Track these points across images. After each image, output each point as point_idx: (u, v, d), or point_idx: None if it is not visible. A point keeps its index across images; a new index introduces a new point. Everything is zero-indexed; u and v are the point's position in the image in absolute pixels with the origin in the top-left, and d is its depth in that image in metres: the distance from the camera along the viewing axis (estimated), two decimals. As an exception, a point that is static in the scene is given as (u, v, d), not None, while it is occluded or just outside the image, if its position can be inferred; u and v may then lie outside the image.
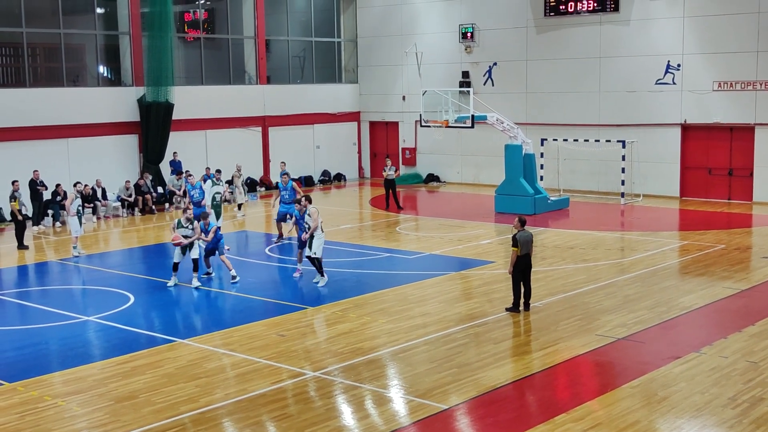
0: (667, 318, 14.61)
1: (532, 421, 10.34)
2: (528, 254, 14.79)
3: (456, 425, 10.47)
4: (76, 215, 21.07)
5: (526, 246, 14.72)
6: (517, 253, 14.62)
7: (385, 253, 20.69)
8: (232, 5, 33.34)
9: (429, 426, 10.32)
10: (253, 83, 33.58)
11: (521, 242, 14.63)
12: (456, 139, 33.55)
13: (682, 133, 28.78)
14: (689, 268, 18.53)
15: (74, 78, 30.04)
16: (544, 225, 24.04)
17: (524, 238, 14.70)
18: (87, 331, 14.60)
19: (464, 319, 14.70)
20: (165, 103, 29.09)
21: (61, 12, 27.83)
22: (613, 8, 29.37)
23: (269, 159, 33.43)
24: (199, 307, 16.36)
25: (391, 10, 35.50)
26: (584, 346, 13.13)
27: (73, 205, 21.15)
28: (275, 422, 10.44)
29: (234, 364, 12.57)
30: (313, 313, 15.34)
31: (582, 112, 30.56)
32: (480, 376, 11.83)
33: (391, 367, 12.44)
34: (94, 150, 28.21)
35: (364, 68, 36.82)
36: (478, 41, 32.95)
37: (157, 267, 20.29)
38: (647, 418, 10.29)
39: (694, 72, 28.18)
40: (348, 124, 36.74)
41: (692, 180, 28.92)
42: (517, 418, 10.52)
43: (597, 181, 30.25)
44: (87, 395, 11.38)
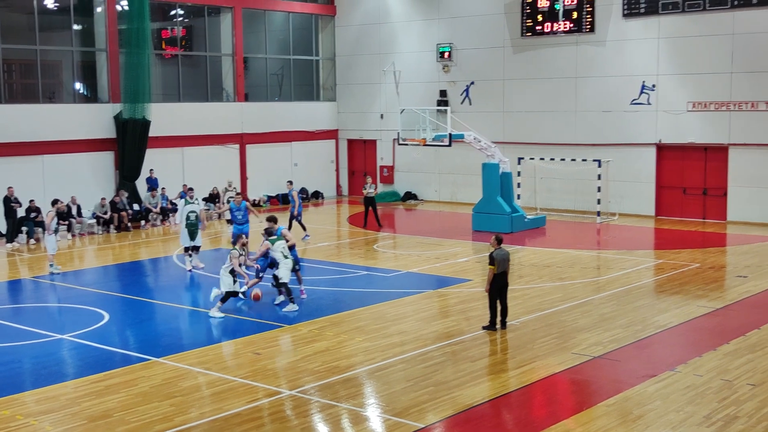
0: (642, 336, 14.68)
1: (508, 439, 10.33)
2: (504, 272, 14.83)
3: (432, 444, 10.44)
4: (53, 233, 20.96)
5: (503, 264, 14.76)
6: (493, 271, 14.66)
7: (362, 271, 20.66)
8: (210, 22, 33.34)
9: (405, 445, 10.28)
10: (231, 101, 33.55)
11: (498, 260, 14.67)
12: (434, 158, 33.66)
13: (657, 152, 29.05)
14: (664, 287, 18.65)
15: (50, 94, 29.88)
16: (521, 243, 24.13)
17: (501, 256, 14.75)
18: (61, 349, 14.44)
19: (441, 338, 14.70)
20: (142, 120, 28.98)
21: (37, 28, 27.70)
22: (589, 29, 29.68)
23: (247, 176, 33.36)
24: (174, 325, 16.23)
25: (369, 28, 35.66)
26: (560, 364, 13.16)
27: (52, 223, 21.06)
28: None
29: (209, 383, 12.48)
30: (289, 331, 15.28)
31: (558, 132, 30.79)
32: (457, 394, 11.82)
33: (368, 386, 12.40)
34: (69, 167, 28.02)
35: (342, 86, 36.91)
36: (456, 60, 33.15)
37: (132, 285, 20.17)
38: (623, 437, 10.32)
39: (668, 92, 28.49)
40: (326, 141, 36.78)
41: (667, 199, 29.16)
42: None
43: (573, 200, 30.44)
44: (60, 414, 11.25)
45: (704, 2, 27.26)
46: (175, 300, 17.93)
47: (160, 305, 17.78)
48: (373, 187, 27.62)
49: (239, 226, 21.04)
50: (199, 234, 20.77)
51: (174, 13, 33.06)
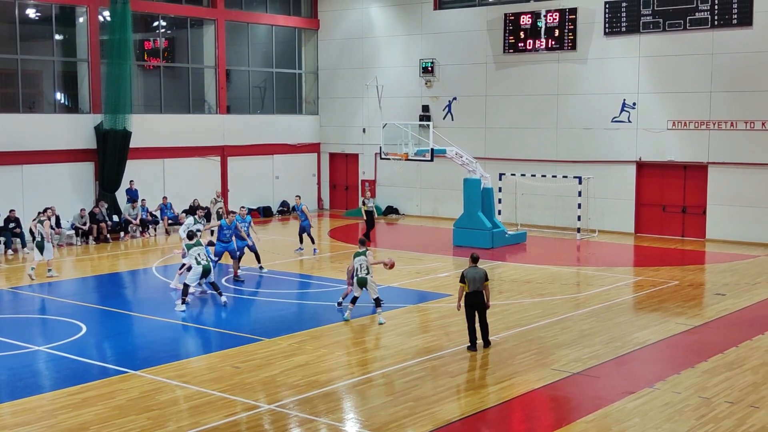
0: (621, 353, 14.72)
1: (487, 455, 10.31)
2: (478, 291, 14.62)
3: (411, 459, 10.40)
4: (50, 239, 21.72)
5: (474, 283, 14.57)
6: (464, 289, 14.59)
7: (343, 285, 20.59)
8: (192, 34, 33.31)
9: (384, 460, 10.24)
10: (212, 113, 33.49)
11: (468, 279, 14.57)
12: (415, 172, 33.71)
13: (637, 170, 29.24)
14: (643, 304, 18.73)
15: (31, 104, 29.69)
16: (502, 259, 24.18)
17: (472, 275, 14.59)
18: (37, 361, 14.30)
19: (421, 353, 14.67)
20: (123, 131, 28.84)
21: (18, 37, 27.55)
22: (571, 47, 29.89)
23: (228, 189, 33.26)
24: (152, 337, 16.11)
25: (352, 43, 35.75)
26: (540, 380, 13.17)
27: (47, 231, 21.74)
28: (228, 456, 10.28)
29: (187, 397, 12.39)
30: (268, 345, 15.20)
31: (540, 148, 30.93)
32: (436, 409, 11.79)
33: (348, 400, 12.35)
34: (49, 177, 27.82)
35: (324, 100, 36.94)
36: (438, 76, 33.28)
37: (111, 296, 20.03)
38: (602, 453, 10.32)
39: (649, 111, 28.71)
40: (308, 155, 36.75)
41: (647, 217, 29.34)
42: (472, 452, 10.49)
43: (554, 216, 30.56)
44: (36, 426, 11.12)
45: (685, 22, 27.54)
46: (154, 312, 17.80)
47: (139, 317, 17.66)
48: (372, 201, 27.67)
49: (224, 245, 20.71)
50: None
51: (156, 24, 32.98)
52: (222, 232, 20.76)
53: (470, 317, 14.71)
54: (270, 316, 17.87)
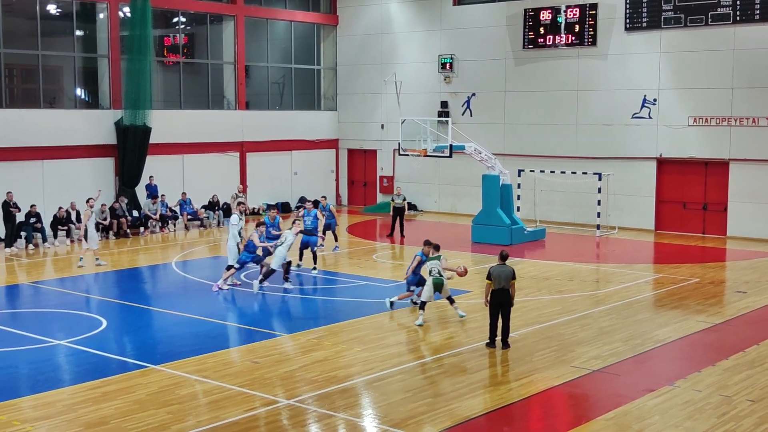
0: (641, 351, 14.64)
1: (506, 452, 10.28)
2: (504, 289, 14.51)
3: (430, 456, 10.39)
4: (93, 229, 22.29)
5: (500, 281, 14.48)
6: (490, 286, 14.54)
7: (361, 281, 20.62)
8: (212, 30, 33.39)
9: (403, 456, 10.23)
10: (231, 108, 33.57)
11: (494, 276, 14.49)
12: (434, 169, 33.66)
13: (658, 167, 29.06)
14: (664, 301, 18.62)
15: (51, 100, 29.88)
16: (521, 255, 24.10)
17: (498, 272, 14.52)
18: (58, 355, 14.39)
19: (439, 349, 14.65)
20: (142, 126, 28.98)
21: (39, 33, 27.72)
22: (591, 42, 29.73)
23: (247, 185, 33.34)
24: (172, 332, 16.18)
25: (371, 38, 35.72)
26: (559, 377, 13.11)
27: (90, 221, 22.13)
28: (247, 451, 10.31)
29: (207, 391, 12.43)
30: (287, 340, 15.23)
31: (559, 145, 30.80)
32: (455, 406, 11.77)
33: (366, 396, 12.35)
34: (69, 172, 28.00)
35: (343, 96, 36.94)
36: (457, 72, 33.19)
37: (131, 291, 20.13)
38: (621, 451, 10.27)
39: (669, 107, 28.52)
40: (326, 151, 36.78)
41: (667, 213, 29.15)
42: (491, 449, 10.47)
43: (573, 212, 30.43)
44: (56, 420, 11.19)
45: (706, 17, 27.32)
46: (173, 307, 17.88)
47: (158, 312, 17.74)
48: (403, 197, 27.64)
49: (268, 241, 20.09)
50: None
51: (176, 20, 33.09)
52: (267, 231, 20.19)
53: (494, 315, 14.62)
54: (289, 312, 17.90)
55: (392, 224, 27.70)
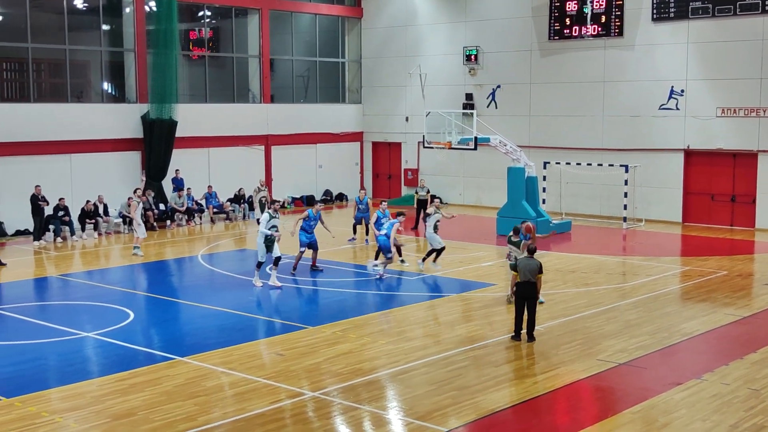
0: (668, 344, 14.54)
1: (531, 445, 10.26)
2: (529, 282, 14.42)
3: (455, 448, 10.39)
4: (141, 220, 22.96)
5: (526, 273, 14.41)
6: (516, 278, 14.50)
7: (386, 274, 20.62)
8: (237, 24, 33.49)
9: (428, 449, 10.24)
10: (256, 102, 33.67)
11: (519, 268, 14.46)
12: (459, 161, 33.59)
13: (685, 158, 28.80)
14: (691, 294, 18.47)
15: (78, 94, 30.13)
16: (546, 248, 23.97)
17: (524, 265, 14.46)
18: (86, 347, 14.54)
19: (464, 342, 14.64)
20: (168, 120, 29.15)
21: (66, 28, 27.95)
22: (618, 33, 29.48)
23: (272, 178, 33.45)
24: (198, 325, 16.28)
25: (395, 31, 35.66)
26: (585, 370, 13.05)
27: (137, 211, 22.91)
28: (273, 442, 10.36)
29: (232, 383, 12.50)
30: (312, 333, 15.28)
31: (585, 136, 30.60)
32: (480, 399, 11.75)
33: (391, 389, 12.37)
34: (96, 166, 28.24)
35: (367, 89, 36.93)
36: (482, 64, 33.06)
37: (157, 284, 20.29)
38: (648, 445, 10.21)
39: (697, 98, 28.24)
40: (351, 144, 36.81)
41: (695, 206, 28.89)
42: (516, 442, 10.45)
43: (599, 205, 30.24)
44: (84, 412, 11.31)
45: (734, 7, 27.00)
46: (200, 300, 17.99)
47: (185, 305, 17.86)
48: (426, 189, 27.61)
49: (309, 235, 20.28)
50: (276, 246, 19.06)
51: (201, 14, 33.24)
52: (308, 222, 20.40)
53: (519, 307, 14.56)
54: (314, 305, 17.96)
55: (416, 217, 27.69)
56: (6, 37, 27.91)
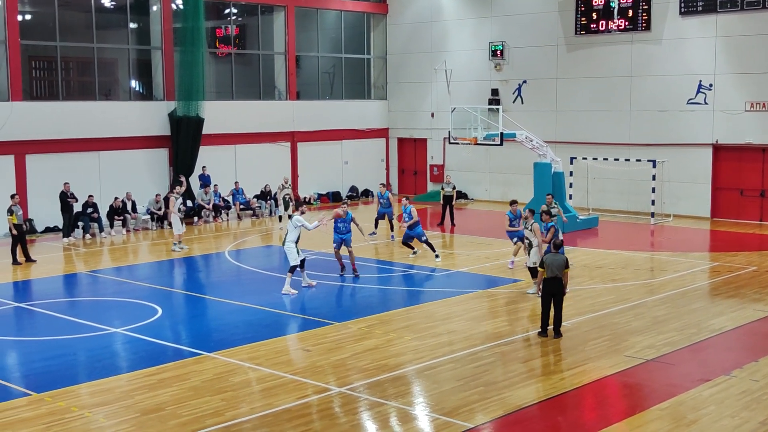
0: (696, 340, 14.42)
1: (558, 441, 10.23)
2: (556, 278, 14.36)
3: (482, 444, 10.38)
4: (178, 214, 23.19)
5: (553, 269, 14.35)
6: (543, 274, 14.44)
7: (411, 270, 20.64)
8: (263, 21, 33.60)
9: (454, 445, 10.24)
10: (282, 99, 33.78)
11: (547, 264, 14.40)
12: (484, 157, 33.49)
13: (714, 153, 28.52)
14: (720, 290, 18.30)
15: (106, 92, 30.38)
16: (573, 244, 23.86)
17: (551, 260, 14.40)
18: (114, 342, 14.68)
19: (491, 338, 14.61)
20: (195, 117, 29.33)
21: (94, 26, 28.19)
22: (645, 27, 29.24)
23: (298, 174, 33.55)
24: (226, 320, 16.38)
25: (421, 27, 35.61)
26: (612, 366, 12.99)
27: (174, 206, 23.21)
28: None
29: (260, 379, 12.57)
30: (339, 329, 15.32)
31: (612, 131, 30.40)
32: (507, 395, 11.73)
33: (417, 385, 12.38)
34: (125, 163, 28.49)
35: (393, 85, 36.92)
36: (508, 59, 32.93)
37: (186, 280, 20.44)
38: (676, 442, 10.15)
39: (726, 92, 27.95)
40: (376, 140, 36.83)
41: (723, 201, 28.62)
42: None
43: (627, 200, 30.03)
44: (113, 407, 11.43)
45: (763, 1, 26.67)
46: (227, 296, 18.10)
47: (212, 301, 17.98)
48: (452, 186, 27.57)
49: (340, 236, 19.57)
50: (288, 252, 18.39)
51: (228, 11, 33.37)
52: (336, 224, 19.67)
53: (546, 303, 14.49)
54: (340, 301, 18.01)
55: (442, 213, 27.68)
56: (35, 36, 28.20)
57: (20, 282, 20.01)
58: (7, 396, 11.89)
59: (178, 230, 23.39)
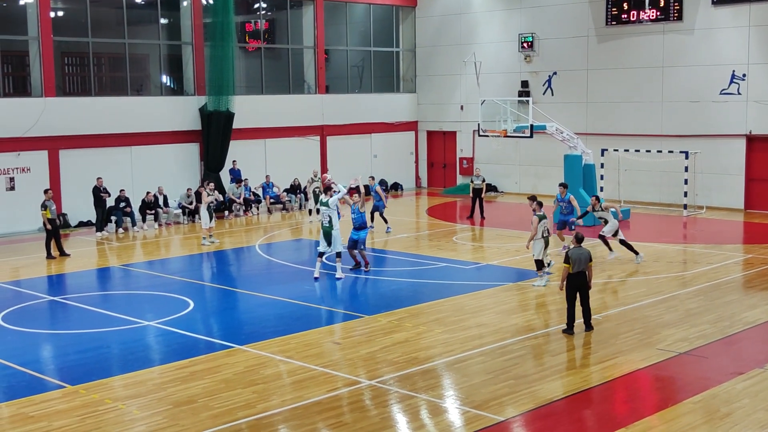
0: (730, 333, 14.28)
1: (589, 435, 10.18)
2: (582, 272, 14.17)
3: (512, 437, 10.37)
4: (206, 208, 23.29)
5: (579, 264, 14.13)
6: (568, 270, 14.12)
7: (441, 263, 20.62)
8: (292, 16, 33.68)
9: (485, 438, 10.23)
10: (312, 93, 33.85)
11: (573, 259, 14.10)
12: (514, 149, 33.35)
13: (747, 144, 28.17)
14: (753, 282, 18.09)
15: (138, 87, 30.65)
16: (604, 236, 23.68)
17: (577, 255, 14.14)
18: (147, 335, 14.83)
19: (521, 331, 14.57)
20: (226, 112, 29.49)
21: (126, 22, 28.43)
22: (677, 17, 28.92)
23: (327, 168, 33.62)
24: (257, 313, 16.48)
25: (450, 19, 35.49)
26: (644, 360, 12.90)
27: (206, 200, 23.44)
28: (330, 430, 10.46)
29: (290, 371, 12.64)
30: (369, 322, 15.36)
31: (644, 123, 30.13)
32: (537, 388, 11.70)
33: (447, 378, 12.38)
34: (156, 158, 28.73)
35: (422, 78, 36.85)
36: (538, 50, 32.73)
37: (217, 273, 20.58)
38: (709, 435, 10.07)
39: (759, 82, 27.57)
40: (405, 133, 36.79)
41: (757, 192, 28.26)
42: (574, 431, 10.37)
43: (659, 192, 29.76)
44: (146, 399, 11.55)
45: (799, -12, 26.28)
46: (258, 289, 18.21)
47: (243, 294, 18.09)
48: (482, 179, 27.47)
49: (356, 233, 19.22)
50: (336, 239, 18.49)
51: (257, 6, 33.49)
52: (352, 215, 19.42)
53: (572, 299, 14.27)
54: (370, 294, 18.03)
55: (472, 206, 27.61)
56: (67, 32, 28.50)
57: (54, 276, 20.27)
58: (42, 388, 12.07)
59: (206, 224, 23.55)
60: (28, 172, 26.04)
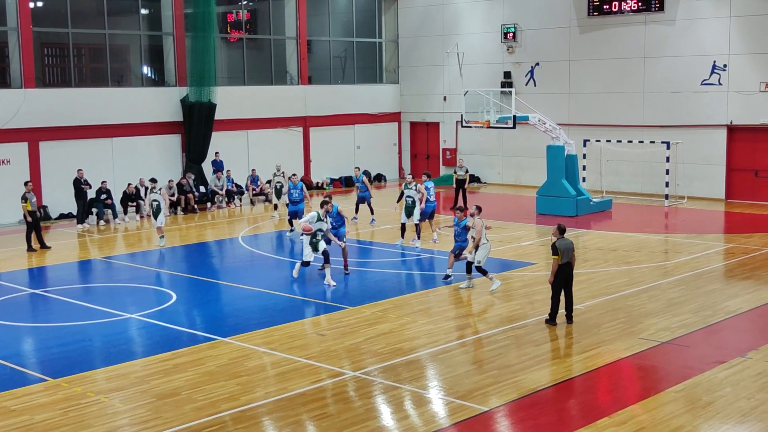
0: (712, 322, 14.37)
1: (573, 424, 10.23)
2: (569, 263, 14.19)
3: (496, 427, 10.40)
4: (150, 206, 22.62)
5: (567, 254, 14.13)
6: (558, 261, 14.07)
7: (425, 254, 20.63)
8: (274, 6, 33.52)
9: (469, 428, 10.26)
10: (294, 83, 33.74)
11: (561, 250, 14.05)
12: (497, 140, 33.38)
13: (728, 134, 28.33)
14: (735, 272, 18.22)
15: (119, 78, 30.42)
16: (587, 227, 23.81)
17: (564, 246, 14.14)
18: (130, 328, 14.75)
19: (505, 321, 14.60)
20: (207, 103, 29.34)
21: (106, 13, 28.20)
22: (658, 8, 29.00)
23: (310, 159, 33.55)
24: (240, 305, 16.43)
25: (432, 10, 35.45)
26: (627, 349, 12.96)
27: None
28: (315, 421, 10.45)
29: (274, 363, 12.62)
30: (353, 313, 15.35)
31: (625, 113, 30.23)
32: (521, 378, 11.73)
33: (431, 368, 12.39)
34: (137, 149, 28.55)
35: (405, 68, 36.80)
36: (521, 41, 32.76)
37: (199, 265, 20.50)
38: (691, 423, 10.13)
39: (740, 72, 27.72)
40: (388, 124, 36.75)
41: (738, 182, 28.44)
42: (558, 421, 10.42)
43: (640, 182, 29.90)
44: (129, 392, 11.50)
45: (779, -21, 26.41)
46: (241, 281, 18.15)
47: (226, 286, 18.03)
48: (465, 169, 27.44)
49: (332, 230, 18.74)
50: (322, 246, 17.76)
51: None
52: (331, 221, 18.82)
53: (559, 291, 14.24)
54: (354, 285, 18.01)
55: (455, 196, 27.61)
56: (47, 23, 28.23)
57: (35, 269, 20.13)
58: (24, 382, 11.99)
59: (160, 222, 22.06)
60: (8, 164, 25.82)
